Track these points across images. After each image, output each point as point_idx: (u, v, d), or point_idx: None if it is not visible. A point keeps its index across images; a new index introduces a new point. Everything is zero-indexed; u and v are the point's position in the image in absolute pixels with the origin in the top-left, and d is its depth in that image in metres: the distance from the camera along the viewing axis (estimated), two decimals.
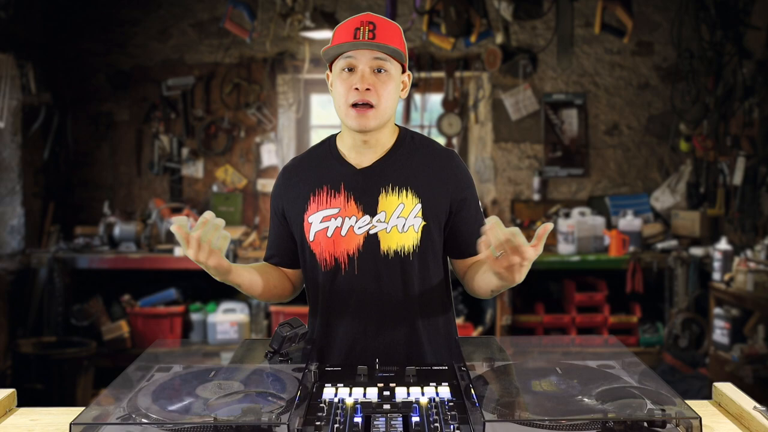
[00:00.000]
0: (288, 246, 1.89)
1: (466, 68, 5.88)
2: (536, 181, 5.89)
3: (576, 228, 5.29)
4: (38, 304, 5.10)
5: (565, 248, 5.29)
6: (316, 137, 6.40)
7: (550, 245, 5.47)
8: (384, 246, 1.75)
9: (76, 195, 5.95)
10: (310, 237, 1.79)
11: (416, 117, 6.06)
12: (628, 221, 5.41)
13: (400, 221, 1.75)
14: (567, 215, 5.48)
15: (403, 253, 1.76)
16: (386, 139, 1.81)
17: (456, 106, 5.90)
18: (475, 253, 1.81)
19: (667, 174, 5.93)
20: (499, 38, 5.22)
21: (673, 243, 5.38)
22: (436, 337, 1.82)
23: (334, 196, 1.78)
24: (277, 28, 5.47)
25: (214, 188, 5.89)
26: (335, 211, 1.77)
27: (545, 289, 5.73)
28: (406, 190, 1.77)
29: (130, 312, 5.22)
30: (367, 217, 1.76)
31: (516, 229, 1.50)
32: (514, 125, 5.92)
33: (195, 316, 5.31)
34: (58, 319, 5.05)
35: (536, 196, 5.90)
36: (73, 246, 5.33)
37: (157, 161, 5.88)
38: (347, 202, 1.77)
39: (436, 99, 6.07)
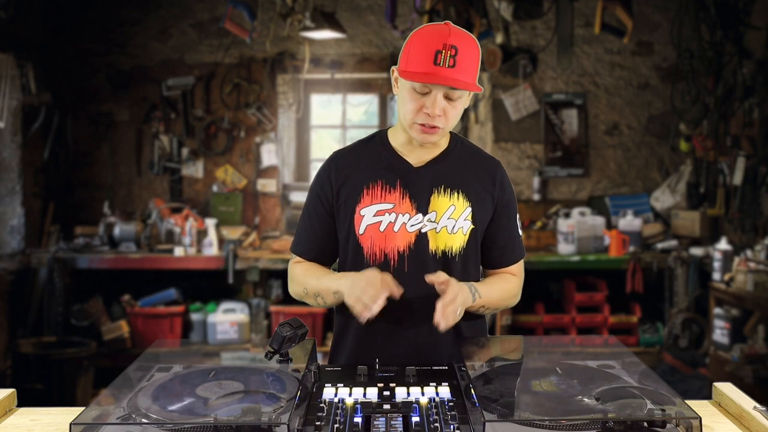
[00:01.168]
0: (328, 240, 1.85)
1: None
2: (536, 181, 5.89)
3: (576, 228, 5.29)
4: (38, 304, 5.10)
5: (565, 248, 5.29)
6: (316, 137, 6.41)
7: (550, 245, 5.47)
8: (433, 245, 1.77)
9: (76, 195, 5.95)
10: (360, 230, 1.78)
11: None
12: (628, 221, 5.41)
13: (450, 222, 1.77)
14: (567, 215, 5.48)
15: (450, 253, 1.78)
16: (441, 141, 1.83)
17: None
18: (499, 265, 1.88)
19: (667, 174, 5.93)
20: (499, 38, 5.21)
21: (673, 243, 5.38)
22: (473, 340, 1.84)
23: (389, 192, 1.78)
24: (277, 28, 5.47)
25: (214, 188, 5.89)
26: (390, 206, 1.77)
27: (545, 289, 5.73)
28: (458, 193, 1.79)
29: (130, 312, 5.22)
30: (419, 216, 1.77)
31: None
32: (514, 125, 5.92)
33: (195, 316, 5.31)
34: (58, 319, 5.05)
35: (536, 196, 5.90)
36: (73, 246, 5.33)
37: (157, 161, 5.88)
38: (402, 198, 1.78)
39: None
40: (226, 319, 5.22)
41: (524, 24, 5.68)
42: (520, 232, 1.91)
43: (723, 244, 4.85)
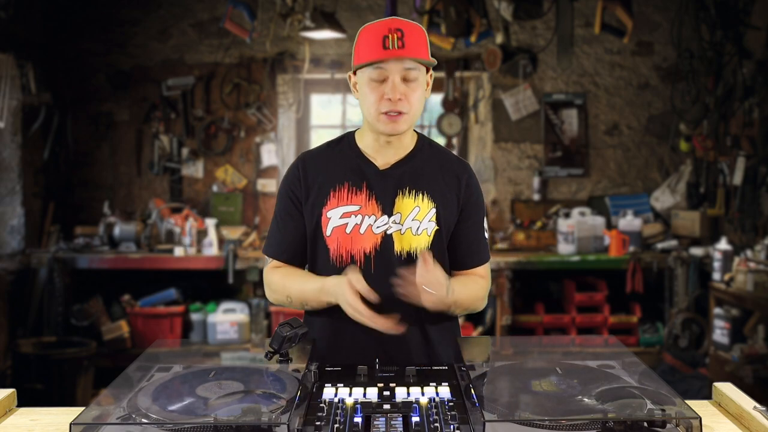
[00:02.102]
0: (300, 242, 1.85)
1: (466, 68, 5.88)
2: (536, 181, 5.89)
3: (576, 228, 5.29)
4: (38, 304, 5.10)
5: (565, 248, 5.29)
6: (316, 137, 6.40)
7: (550, 245, 5.47)
8: (398, 247, 1.78)
9: (76, 195, 5.95)
10: (327, 232, 1.79)
11: None
12: (628, 221, 5.41)
13: (415, 224, 1.79)
14: (567, 215, 5.48)
15: (415, 255, 1.78)
16: (407, 142, 1.85)
17: (456, 106, 5.89)
18: (462, 266, 1.88)
19: (667, 174, 5.93)
20: (499, 38, 5.22)
21: (673, 243, 5.38)
22: (446, 338, 1.84)
23: (356, 194, 1.79)
24: (277, 28, 5.47)
25: (214, 188, 5.89)
26: (356, 208, 1.79)
27: (545, 289, 5.73)
28: (422, 194, 1.80)
29: (130, 312, 5.22)
30: (385, 217, 1.78)
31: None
32: (514, 125, 5.92)
33: (195, 316, 5.31)
34: (58, 319, 5.05)
35: (536, 196, 5.90)
36: (73, 246, 5.33)
37: (157, 161, 5.88)
38: (368, 200, 1.79)
39: (436, 99, 6.07)
40: (226, 319, 5.22)
41: (524, 24, 5.68)
42: (486, 235, 1.90)
43: (723, 244, 4.85)
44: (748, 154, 5.12)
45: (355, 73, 1.80)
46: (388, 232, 1.78)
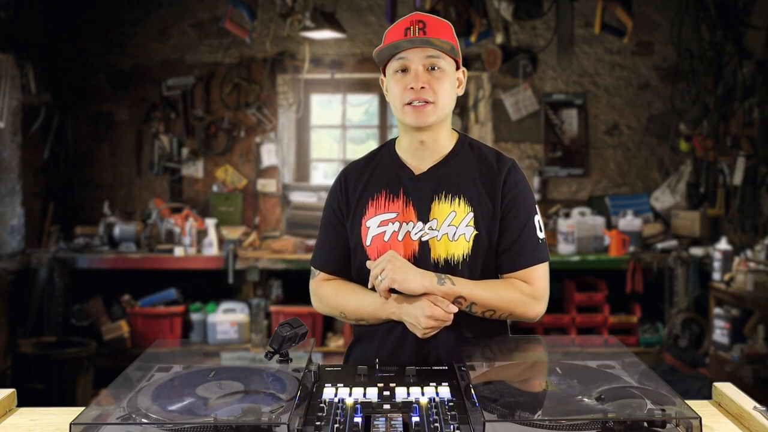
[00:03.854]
0: (345, 254, 1.83)
1: (466, 68, 5.87)
2: (536, 181, 5.89)
3: (576, 228, 5.29)
4: (38, 304, 5.10)
5: (565, 248, 5.29)
6: (316, 137, 6.41)
7: (550, 245, 5.45)
8: (434, 254, 1.72)
9: (76, 195, 5.95)
10: (367, 241, 1.76)
11: None
12: (628, 221, 5.41)
13: (451, 229, 1.72)
14: (567, 215, 5.48)
15: (453, 261, 1.72)
16: (444, 142, 1.79)
17: (456, 106, 5.88)
18: (509, 269, 1.76)
19: (667, 174, 5.93)
20: (499, 38, 5.22)
21: (673, 243, 5.38)
22: (472, 340, 1.79)
23: (392, 201, 1.76)
24: (277, 28, 5.47)
25: (214, 188, 5.89)
26: (393, 215, 1.75)
27: None
28: (459, 198, 1.74)
29: (130, 312, 5.22)
30: (420, 224, 1.74)
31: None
32: (514, 125, 5.92)
33: (195, 316, 5.31)
34: (58, 319, 5.05)
35: (536, 196, 5.89)
36: (73, 246, 5.33)
37: (157, 161, 5.88)
38: (405, 207, 1.75)
39: None
40: (226, 319, 5.22)
41: (524, 24, 5.68)
42: (540, 234, 1.76)
43: (723, 244, 4.85)
44: (748, 154, 5.12)
45: (385, 75, 1.78)
46: (424, 239, 1.73)
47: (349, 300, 1.78)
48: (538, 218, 1.78)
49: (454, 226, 1.72)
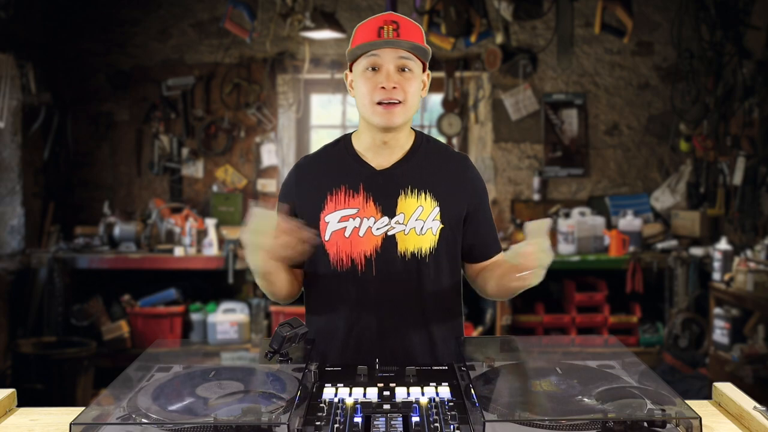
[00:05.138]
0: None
1: (466, 68, 5.88)
2: (536, 181, 5.89)
3: (576, 228, 5.29)
4: (38, 304, 5.10)
5: (565, 248, 5.29)
6: (316, 137, 6.40)
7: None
8: (401, 247, 1.76)
9: (76, 195, 5.94)
10: (326, 236, 1.77)
11: (416, 117, 6.03)
12: (628, 221, 5.41)
13: (419, 224, 1.76)
14: (567, 215, 5.48)
15: (420, 255, 1.76)
16: (404, 141, 1.82)
17: (456, 106, 5.89)
18: (486, 257, 1.87)
19: (667, 174, 5.93)
20: (499, 38, 5.21)
21: (673, 243, 5.38)
22: (450, 338, 1.82)
23: (353, 197, 1.77)
24: (277, 28, 5.47)
25: (214, 188, 5.89)
26: (353, 211, 1.76)
27: (545, 289, 5.73)
28: (425, 193, 1.77)
29: (130, 312, 5.22)
30: (385, 219, 1.76)
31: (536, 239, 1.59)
32: (514, 125, 5.92)
33: (195, 316, 5.31)
34: (58, 319, 5.05)
35: (536, 196, 5.90)
36: (73, 246, 5.33)
37: (157, 161, 5.88)
38: (366, 202, 1.76)
39: (436, 99, 6.07)
40: (226, 319, 5.22)
41: (524, 24, 5.68)
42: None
43: (723, 244, 4.85)
44: (748, 154, 5.13)
45: (351, 70, 1.80)
46: (390, 234, 1.76)
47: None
48: None
49: (421, 220, 1.76)
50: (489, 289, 1.84)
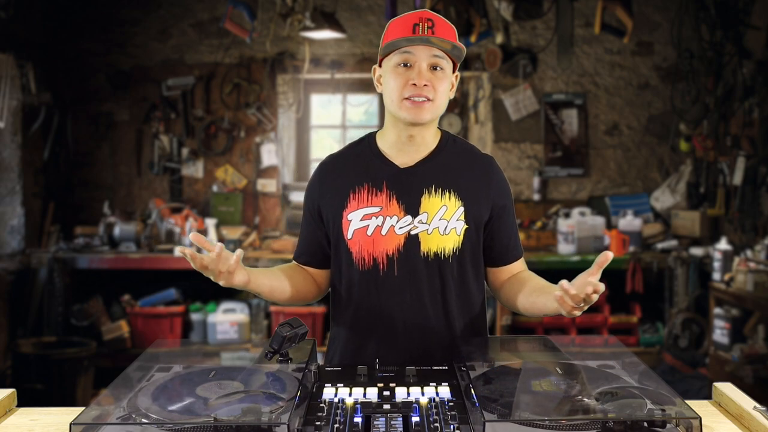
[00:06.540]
0: (318, 245, 1.84)
1: (466, 68, 5.88)
2: (536, 181, 5.89)
3: (576, 228, 5.29)
4: (38, 304, 5.10)
5: (565, 248, 5.29)
6: (316, 137, 6.40)
7: (550, 245, 5.47)
8: (424, 247, 1.73)
9: (76, 195, 5.95)
10: (348, 235, 1.76)
11: None
12: (628, 221, 5.41)
13: (442, 223, 1.73)
14: (567, 215, 5.48)
15: (443, 255, 1.74)
16: (430, 139, 1.80)
17: (456, 106, 5.90)
18: (506, 261, 1.84)
19: (667, 174, 5.93)
20: (499, 38, 5.22)
21: (673, 243, 5.38)
22: (472, 340, 1.80)
23: (376, 195, 1.75)
24: (277, 28, 5.47)
25: (214, 188, 5.89)
26: (376, 209, 1.74)
27: None
28: (450, 193, 1.75)
29: (130, 312, 5.22)
30: (408, 218, 1.73)
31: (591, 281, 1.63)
32: (514, 125, 5.92)
33: (195, 316, 5.31)
34: (58, 319, 5.05)
35: (536, 196, 5.90)
36: (73, 246, 5.33)
37: (157, 161, 5.88)
38: (389, 201, 1.74)
39: None
40: (226, 319, 5.22)
41: (524, 24, 5.68)
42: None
43: (723, 244, 4.85)
44: (748, 154, 5.12)
45: (380, 65, 1.77)
46: (413, 233, 1.73)
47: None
48: None
49: (445, 220, 1.74)
50: (519, 303, 1.77)
